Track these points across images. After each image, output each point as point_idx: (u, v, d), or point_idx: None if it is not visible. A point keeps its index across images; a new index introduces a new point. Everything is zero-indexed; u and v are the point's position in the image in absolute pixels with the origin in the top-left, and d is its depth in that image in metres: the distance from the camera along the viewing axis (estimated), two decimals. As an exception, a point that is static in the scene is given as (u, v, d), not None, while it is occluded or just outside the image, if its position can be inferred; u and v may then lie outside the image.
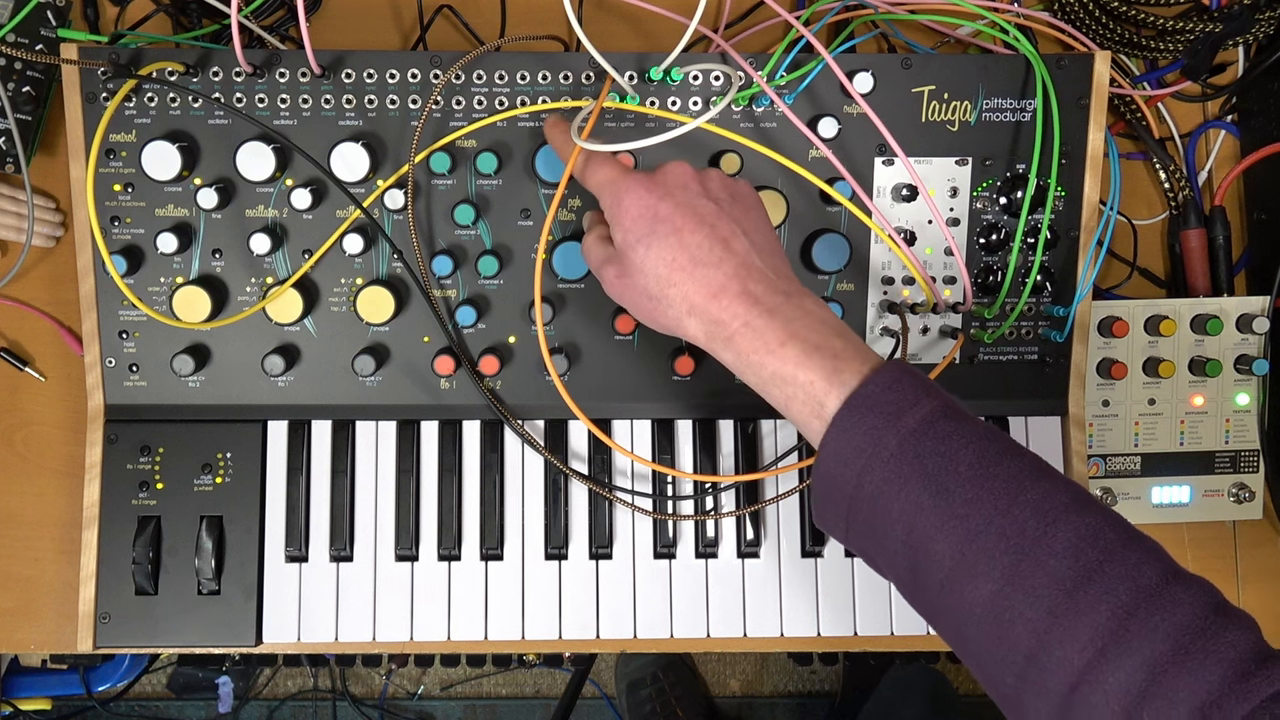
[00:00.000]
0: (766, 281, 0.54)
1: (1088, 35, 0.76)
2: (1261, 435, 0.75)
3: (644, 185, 0.55)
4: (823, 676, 1.73)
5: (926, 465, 0.48)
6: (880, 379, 0.50)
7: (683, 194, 0.55)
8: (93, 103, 0.65)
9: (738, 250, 0.54)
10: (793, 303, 0.53)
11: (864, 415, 0.49)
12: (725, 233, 0.54)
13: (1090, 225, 0.70)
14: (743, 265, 0.54)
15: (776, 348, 0.52)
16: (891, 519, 0.49)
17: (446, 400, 0.69)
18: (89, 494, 0.68)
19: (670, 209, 0.54)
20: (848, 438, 0.49)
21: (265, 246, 0.66)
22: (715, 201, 0.56)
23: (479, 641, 0.69)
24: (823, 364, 0.51)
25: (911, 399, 0.49)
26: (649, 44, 0.76)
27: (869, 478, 0.49)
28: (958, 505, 0.47)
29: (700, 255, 0.54)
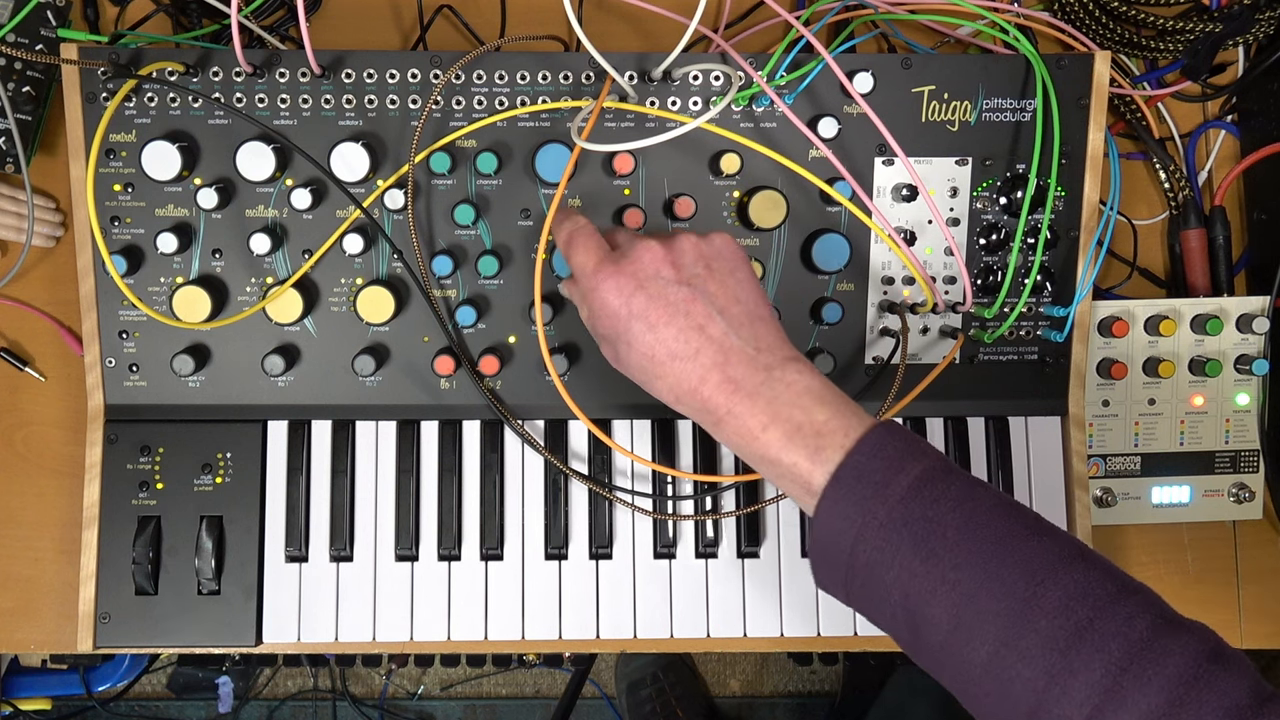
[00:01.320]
0: (746, 361, 0.53)
1: (1088, 35, 0.76)
2: (1261, 435, 0.75)
3: (615, 280, 0.55)
4: (823, 676, 1.73)
5: (915, 531, 0.48)
6: (866, 447, 0.50)
7: (654, 285, 0.55)
8: (93, 103, 0.65)
9: (714, 335, 0.54)
10: (774, 378, 0.53)
11: (852, 486, 0.50)
12: (700, 318, 0.54)
13: (1090, 225, 0.70)
14: (720, 350, 0.53)
15: (759, 433, 0.52)
16: (887, 586, 0.49)
17: (446, 400, 0.69)
18: (89, 494, 0.68)
19: (643, 304, 0.54)
20: (838, 510, 0.50)
21: (265, 246, 0.66)
22: (689, 284, 0.55)
23: (479, 641, 0.69)
24: (805, 444, 0.51)
25: (897, 464, 0.50)
26: (649, 44, 0.76)
27: (862, 548, 0.49)
28: (948, 570, 0.47)
29: (676, 349, 0.54)
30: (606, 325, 0.56)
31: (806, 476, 0.51)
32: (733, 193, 0.68)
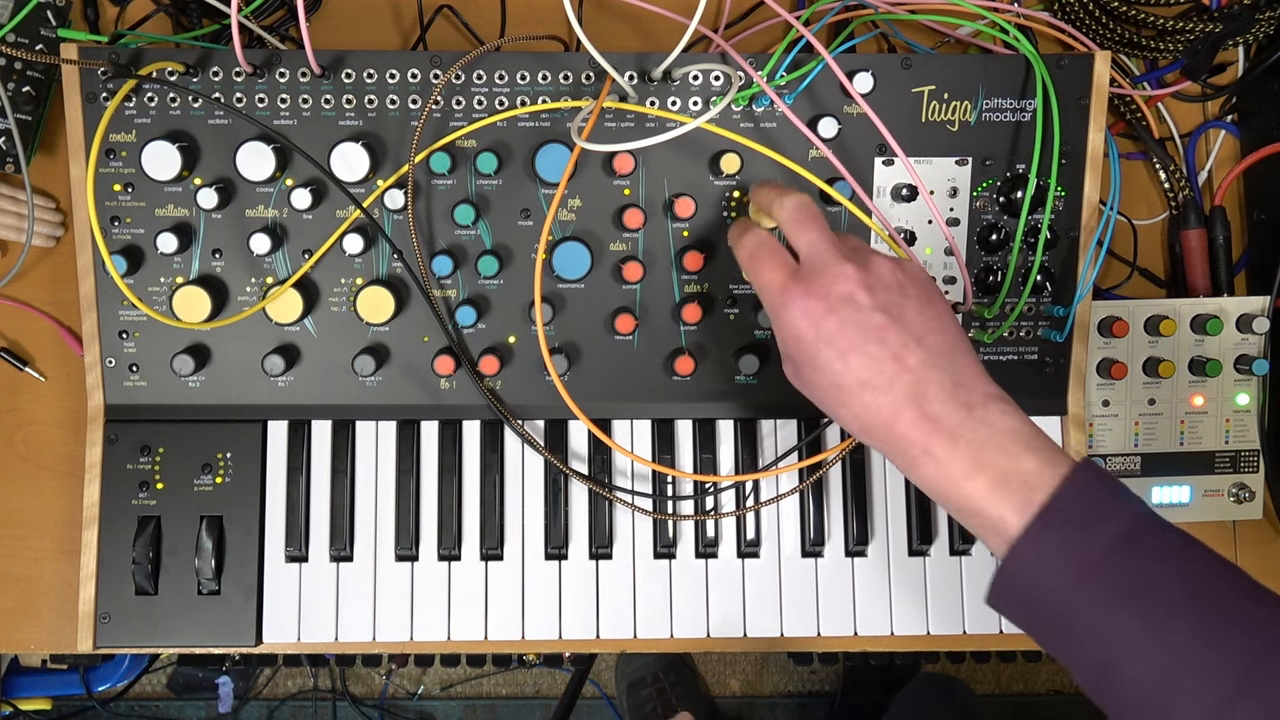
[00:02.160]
0: (945, 395, 0.50)
1: (1088, 35, 0.76)
2: (1261, 435, 0.75)
3: (804, 303, 0.52)
4: (823, 676, 1.73)
5: (1130, 584, 0.46)
6: (1072, 489, 0.48)
7: (847, 309, 0.51)
8: (93, 103, 0.65)
9: (911, 365, 0.51)
10: (976, 418, 0.50)
11: (1058, 530, 0.47)
12: (896, 346, 0.51)
13: (1090, 225, 0.70)
14: (917, 383, 0.50)
15: (962, 480, 0.49)
16: (1084, 635, 0.47)
17: (446, 400, 0.69)
18: (89, 494, 0.68)
19: (833, 328, 0.51)
20: (1040, 551, 0.47)
21: (265, 246, 0.66)
22: (885, 310, 0.51)
23: (479, 641, 0.69)
24: (1013, 496, 0.48)
25: (1107, 510, 0.47)
26: (649, 44, 0.76)
27: (1061, 595, 0.47)
28: (1163, 631, 0.45)
29: (868, 377, 0.51)
30: (793, 347, 0.53)
31: (1014, 532, 0.48)
32: (733, 193, 0.68)
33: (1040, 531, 0.47)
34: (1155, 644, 0.45)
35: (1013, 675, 1.75)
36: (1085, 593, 0.46)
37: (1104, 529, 0.47)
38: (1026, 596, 0.49)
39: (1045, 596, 0.48)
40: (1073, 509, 0.47)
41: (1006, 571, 0.49)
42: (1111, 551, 0.46)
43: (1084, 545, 0.47)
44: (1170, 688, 0.45)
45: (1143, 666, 0.45)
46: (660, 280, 0.69)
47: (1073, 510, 0.47)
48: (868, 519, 0.71)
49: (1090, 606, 0.46)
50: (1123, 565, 0.46)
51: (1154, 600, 0.45)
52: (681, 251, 0.68)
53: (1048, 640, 0.50)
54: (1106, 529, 0.47)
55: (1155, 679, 0.45)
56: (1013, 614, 0.51)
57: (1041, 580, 0.47)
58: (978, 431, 0.49)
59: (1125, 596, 0.46)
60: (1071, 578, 0.47)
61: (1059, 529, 0.47)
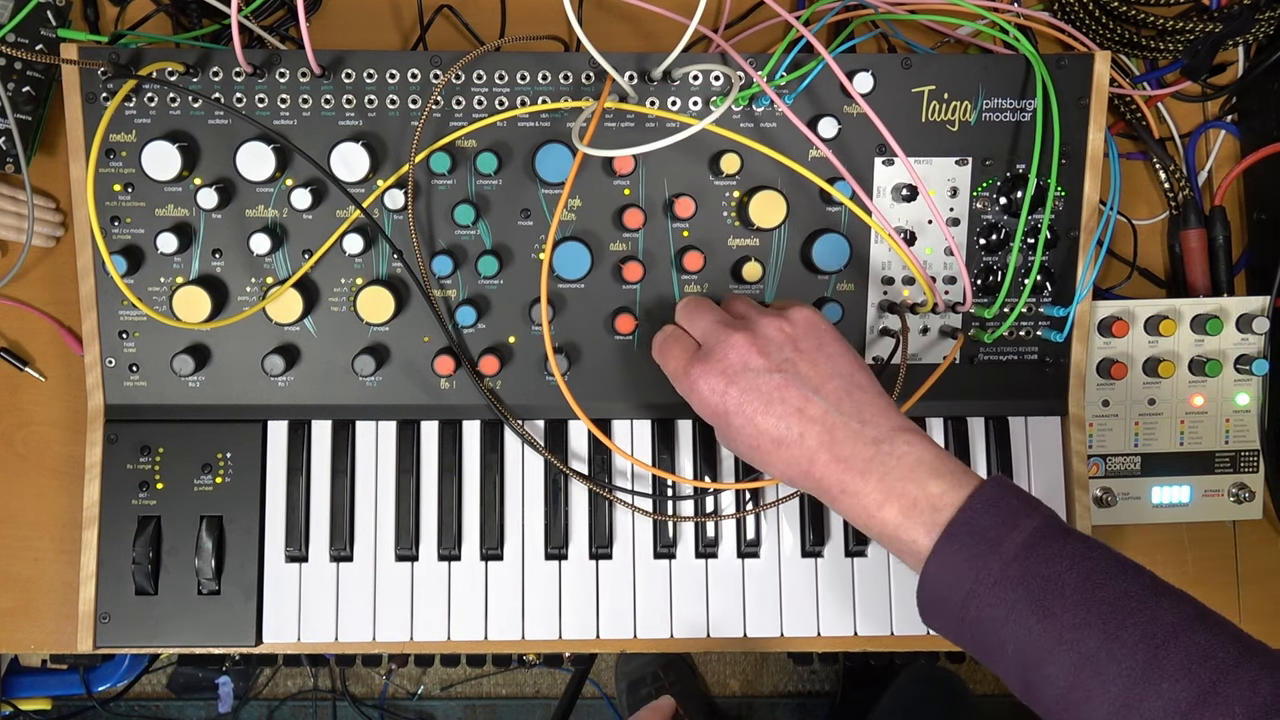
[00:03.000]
0: (853, 437, 0.53)
1: (1088, 35, 0.76)
2: (1261, 435, 0.75)
3: (707, 380, 0.56)
4: (823, 676, 1.73)
5: (1032, 589, 0.48)
6: (977, 503, 0.50)
7: (745, 377, 0.55)
8: (93, 103, 0.65)
9: (815, 415, 0.54)
10: (883, 451, 0.53)
11: (964, 542, 0.50)
12: (798, 402, 0.54)
13: (1090, 225, 0.70)
14: (825, 430, 0.54)
15: (875, 511, 0.52)
16: (1001, 639, 0.49)
17: (446, 400, 0.69)
18: (89, 494, 0.68)
19: (737, 399, 0.55)
20: (949, 565, 0.50)
21: (265, 246, 0.66)
22: (780, 369, 0.55)
23: (479, 641, 0.69)
24: (922, 520, 0.51)
25: (1010, 521, 0.50)
26: (649, 44, 0.76)
27: (974, 604, 0.49)
28: (1066, 630, 0.47)
29: (779, 435, 0.54)
30: (709, 419, 0.58)
31: (923, 550, 0.51)
32: (733, 193, 0.68)
33: (947, 546, 0.50)
34: (1060, 643, 0.47)
35: (1013, 675, 1.74)
36: (994, 601, 0.49)
37: (1009, 540, 0.49)
38: (944, 610, 0.51)
39: (959, 608, 0.50)
40: (978, 523, 0.50)
41: (923, 588, 0.52)
42: (1014, 560, 0.49)
43: (989, 556, 0.49)
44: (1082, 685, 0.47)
45: (1055, 667, 0.47)
46: (660, 280, 0.69)
47: (978, 523, 0.50)
48: (868, 519, 0.71)
49: (1000, 613, 0.49)
50: (1025, 571, 0.49)
51: (1055, 602, 0.48)
52: (681, 251, 0.68)
53: (975, 650, 0.52)
54: (1011, 539, 0.49)
55: (1066, 678, 0.47)
56: (939, 627, 0.53)
57: (953, 593, 0.50)
58: (886, 464, 0.53)
59: (1029, 601, 0.48)
60: (981, 586, 0.49)
61: (965, 542, 0.50)
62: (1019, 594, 0.48)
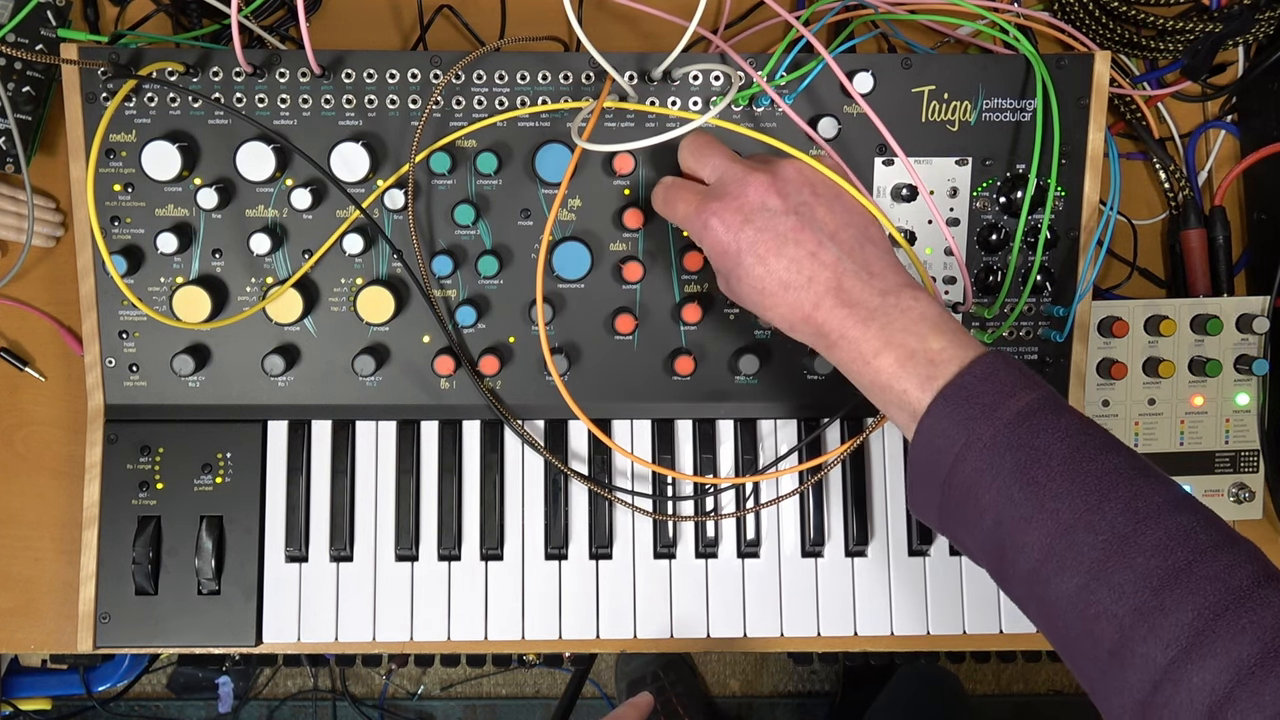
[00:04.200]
0: (861, 284, 0.53)
1: (1088, 35, 0.76)
2: (1261, 435, 0.75)
3: (722, 216, 0.55)
4: (823, 676, 1.73)
5: (1019, 457, 0.48)
6: (977, 369, 0.50)
7: (761, 216, 0.55)
8: (93, 103, 0.65)
9: (826, 260, 0.53)
10: (888, 303, 0.52)
11: (959, 405, 0.49)
12: (811, 246, 0.54)
13: (1090, 225, 0.70)
14: (834, 275, 0.53)
15: (871, 358, 0.52)
16: (982, 507, 0.49)
17: (446, 400, 0.69)
18: (89, 494, 0.68)
19: (752, 236, 0.54)
20: (942, 426, 0.49)
21: (265, 246, 0.66)
22: (796, 211, 0.55)
23: (479, 641, 0.69)
24: (917, 371, 0.51)
25: (1008, 390, 0.49)
26: (649, 44, 0.76)
27: (961, 466, 0.49)
28: (1048, 499, 0.47)
29: (788, 278, 0.54)
30: (719, 260, 0.56)
31: (916, 406, 0.51)
32: (733, 193, 0.68)
33: (942, 406, 0.50)
34: (1039, 511, 0.47)
35: (1013, 675, 1.75)
36: (981, 466, 0.49)
37: (1004, 407, 0.49)
38: (931, 473, 0.51)
39: (947, 472, 0.50)
40: (976, 387, 0.49)
41: (915, 448, 0.51)
42: (1006, 426, 0.48)
43: (981, 420, 0.49)
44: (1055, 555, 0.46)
45: (1031, 536, 0.47)
46: (660, 280, 0.69)
47: (976, 388, 0.49)
48: (868, 519, 0.71)
49: (985, 479, 0.48)
50: (1015, 439, 0.48)
51: (1041, 471, 0.47)
52: (681, 251, 0.68)
53: (953, 522, 0.52)
54: (1006, 407, 0.49)
55: (1041, 548, 0.47)
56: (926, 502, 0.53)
57: (942, 456, 0.50)
58: (889, 315, 0.52)
59: (1015, 469, 0.48)
60: (971, 450, 0.49)
61: (960, 405, 0.49)
62: (1006, 460, 0.48)
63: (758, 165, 0.57)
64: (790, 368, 0.70)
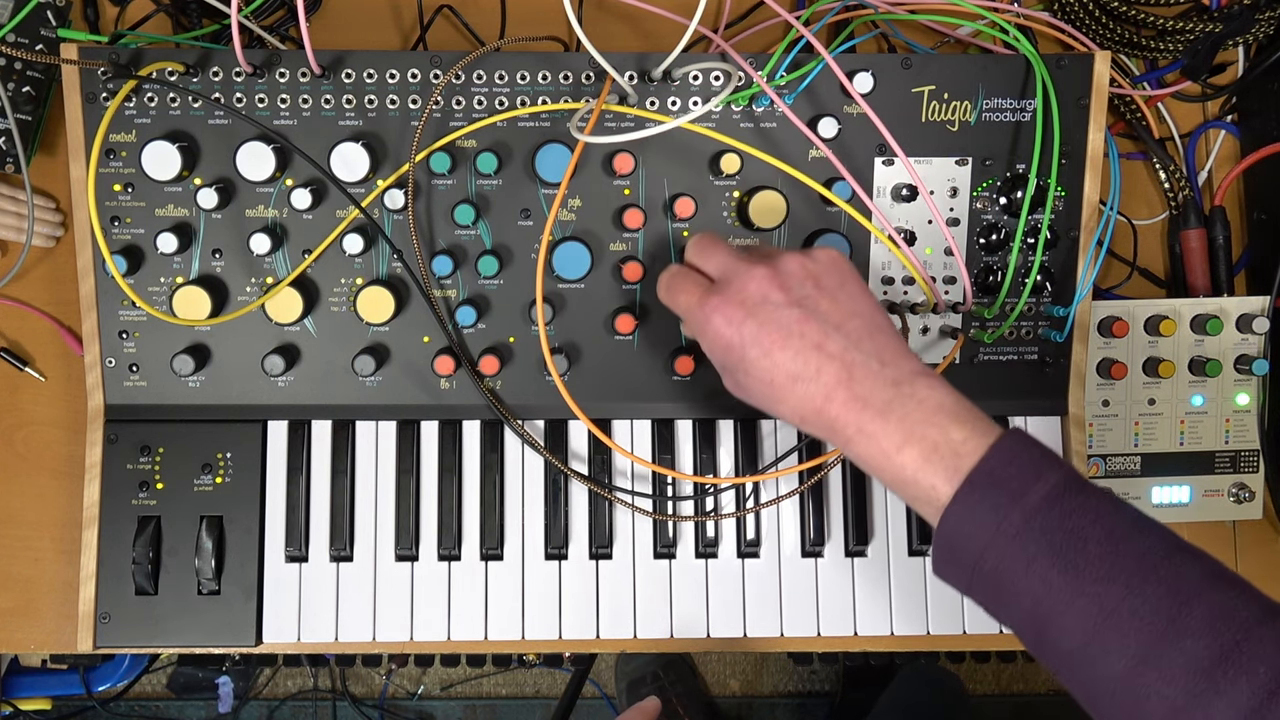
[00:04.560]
0: (872, 376, 0.52)
1: (1088, 35, 0.76)
2: (1261, 435, 0.75)
3: (724, 310, 0.54)
4: (823, 676, 1.73)
5: (1054, 540, 0.47)
6: (998, 454, 0.49)
7: (764, 309, 0.54)
8: (93, 103, 0.65)
9: (834, 352, 0.52)
10: (904, 394, 0.51)
11: (986, 492, 0.49)
12: (817, 337, 0.53)
13: (1090, 225, 0.70)
14: (843, 367, 0.52)
15: (894, 454, 0.51)
16: (1018, 592, 0.48)
17: (446, 400, 0.69)
18: (89, 494, 0.68)
19: (754, 330, 0.53)
20: (970, 514, 0.49)
21: (265, 246, 0.66)
22: (799, 304, 0.54)
23: (479, 641, 0.69)
24: (943, 465, 0.50)
25: (1033, 473, 0.49)
26: (649, 44, 0.76)
27: (992, 553, 0.49)
28: (1088, 583, 0.47)
29: (795, 370, 0.53)
30: (721, 356, 0.56)
31: (944, 500, 0.50)
32: (733, 193, 0.68)
33: (969, 494, 0.49)
34: (1080, 595, 0.47)
35: (1013, 675, 1.75)
36: (1014, 551, 0.48)
37: (1031, 491, 0.48)
38: (962, 560, 0.50)
39: (978, 558, 0.49)
40: (1000, 472, 0.49)
41: (941, 536, 0.50)
42: (1037, 511, 0.48)
43: (1011, 506, 0.48)
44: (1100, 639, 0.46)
45: (1073, 620, 0.47)
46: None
47: (1000, 474, 0.49)
48: (867, 519, 0.71)
49: (1019, 564, 0.48)
50: (1047, 524, 0.48)
51: (1078, 555, 0.47)
52: (682, 251, 0.68)
53: (987, 602, 0.51)
54: (1033, 491, 0.48)
55: (1085, 631, 0.47)
56: (954, 579, 0.52)
57: (973, 542, 0.49)
58: (906, 406, 0.51)
59: (1051, 552, 0.47)
60: (1001, 537, 0.48)
61: (987, 491, 0.49)
62: (1041, 546, 0.47)
63: (759, 259, 0.56)
64: (790, 368, 0.70)
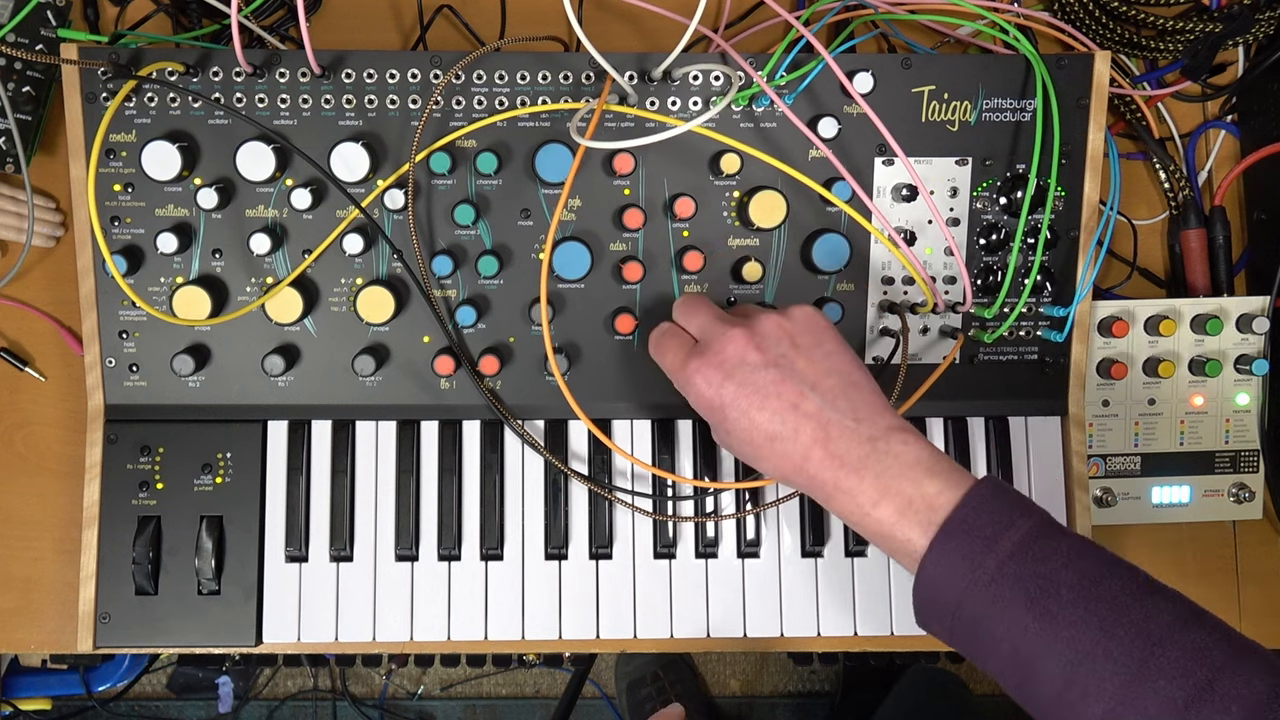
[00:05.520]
0: (848, 434, 0.53)
1: (1088, 35, 0.76)
2: (1261, 435, 0.75)
3: (704, 374, 0.56)
4: (823, 676, 1.73)
5: (1028, 588, 0.48)
6: (971, 503, 0.51)
7: (741, 371, 0.55)
8: (93, 103, 0.65)
9: (810, 411, 0.54)
10: (879, 450, 0.53)
11: (960, 540, 0.50)
12: (794, 397, 0.54)
13: (1090, 225, 0.70)
14: (819, 426, 0.54)
15: (870, 509, 0.52)
16: (996, 638, 0.49)
17: (446, 400, 0.69)
18: (89, 494, 0.68)
19: (733, 393, 0.55)
20: (946, 562, 0.50)
21: (265, 246, 0.66)
22: (776, 364, 0.55)
23: (479, 641, 0.69)
24: (918, 518, 0.51)
25: (1005, 520, 0.50)
26: (649, 44, 0.76)
27: (969, 601, 0.50)
28: (1062, 628, 0.47)
29: (773, 430, 0.54)
30: (705, 414, 0.58)
31: (920, 552, 0.51)
32: (733, 193, 0.68)
33: (943, 544, 0.50)
34: (1056, 640, 0.48)
35: (1013, 675, 1.75)
36: (989, 598, 0.49)
37: (1004, 538, 0.49)
38: (940, 609, 0.51)
39: (956, 606, 0.50)
40: (973, 521, 0.50)
41: (919, 587, 0.52)
42: (1010, 557, 0.49)
43: (985, 554, 0.49)
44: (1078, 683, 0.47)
45: (1051, 665, 0.48)
46: (660, 280, 0.69)
47: (973, 522, 0.50)
48: (868, 519, 0.71)
49: (996, 611, 0.49)
50: (1020, 570, 0.49)
51: (1051, 600, 0.48)
52: (681, 251, 0.68)
53: (969, 649, 0.52)
54: (1006, 538, 0.49)
55: (1062, 676, 0.47)
56: (935, 627, 0.53)
57: (949, 591, 0.50)
58: (882, 463, 0.53)
59: (1025, 598, 0.48)
60: (976, 585, 0.49)
61: (961, 540, 0.50)
62: (1015, 592, 0.49)
63: (737, 320, 0.58)
64: (790, 368, 0.70)
